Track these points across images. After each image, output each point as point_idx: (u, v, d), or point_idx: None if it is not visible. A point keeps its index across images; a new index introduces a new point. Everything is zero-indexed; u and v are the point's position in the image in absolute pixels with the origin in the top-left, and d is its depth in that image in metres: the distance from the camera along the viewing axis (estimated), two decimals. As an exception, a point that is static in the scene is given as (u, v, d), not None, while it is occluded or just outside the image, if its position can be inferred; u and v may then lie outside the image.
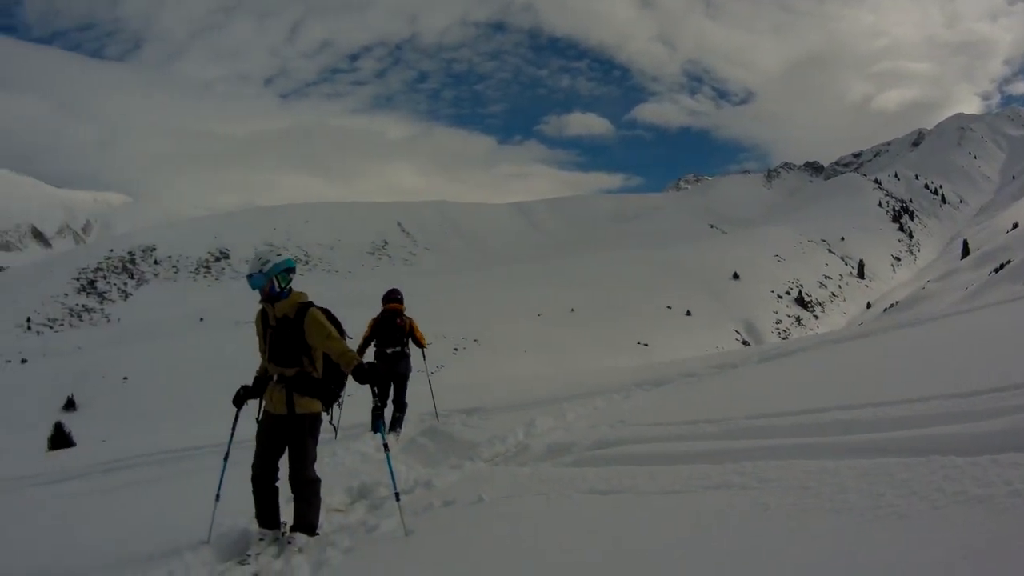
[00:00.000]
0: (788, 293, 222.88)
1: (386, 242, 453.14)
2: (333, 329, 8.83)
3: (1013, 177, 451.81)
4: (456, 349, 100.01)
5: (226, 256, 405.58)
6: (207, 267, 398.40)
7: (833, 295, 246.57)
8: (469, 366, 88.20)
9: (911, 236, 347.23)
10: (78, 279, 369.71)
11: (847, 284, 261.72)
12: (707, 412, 10.76)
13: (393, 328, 16.77)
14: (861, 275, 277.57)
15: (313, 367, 9.00)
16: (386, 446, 9.17)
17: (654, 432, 10.49)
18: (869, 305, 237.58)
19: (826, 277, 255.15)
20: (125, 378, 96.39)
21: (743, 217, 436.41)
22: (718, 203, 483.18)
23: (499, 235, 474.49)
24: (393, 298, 17.28)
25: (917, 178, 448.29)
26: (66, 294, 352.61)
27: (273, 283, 8.92)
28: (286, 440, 9.01)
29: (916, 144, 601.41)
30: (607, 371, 25.88)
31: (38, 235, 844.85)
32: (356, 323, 14.30)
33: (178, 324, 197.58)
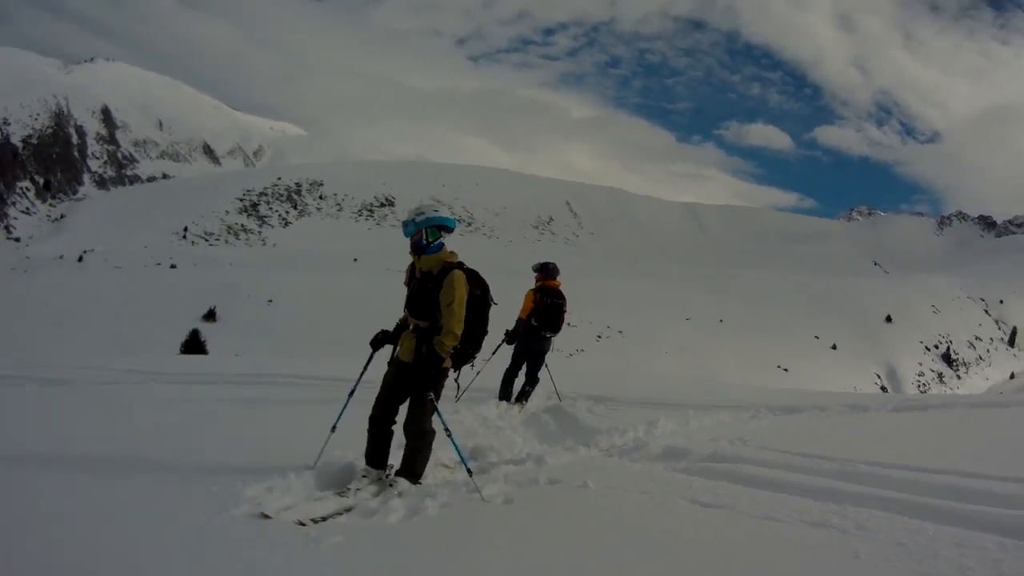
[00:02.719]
0: (936, 347, 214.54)
1: (552, 218, 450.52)
2: (459, 299, 8.95)
3: None
4: (600, 336, 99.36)
5: (391, 203, 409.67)
6: (370, 211, 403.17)
7: (980, 358, 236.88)
8: (609, 355, 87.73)
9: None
10: (242, 199, 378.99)
11: (996, 349, 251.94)
12: (827, 449, 10.75)
13: (559, 315, 16.77)
14: (1012, 343, 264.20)
15: None
16: (448, 430, 9.26)
17: (770, 457, 10.50)
18: (1013, 375, 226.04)
19: (976, 338, 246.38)
20: (270, 301, 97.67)
21: (908, 259, 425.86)
22: (886, 240, 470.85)
23: (665, 232, 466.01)
24: (555, 274, 17.11)
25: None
26: (227, 211, 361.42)
27: (422, 235, 9.20)
28: (409, 388, 9.25)
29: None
30: (741, 388, 25.76)
31: (208, 151, 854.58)
32: (507, 292, 14.49)
33: (332, 260, 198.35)
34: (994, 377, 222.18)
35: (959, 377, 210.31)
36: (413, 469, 9.26)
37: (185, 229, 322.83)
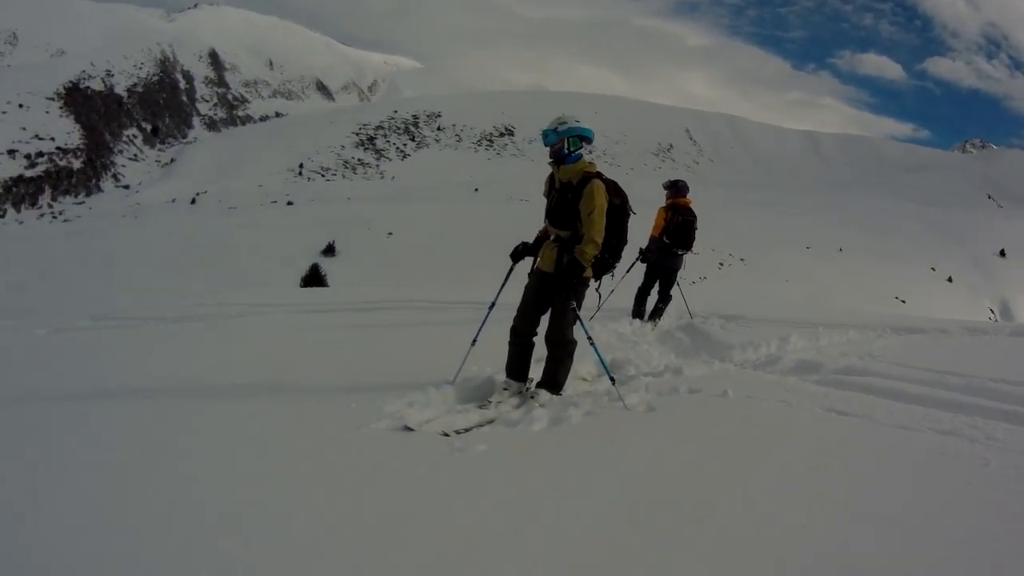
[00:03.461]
0: None
1: (672, 146, 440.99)
2: (599, 208, 8.82)
3: None
4: (722, 264, 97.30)
5: (510, 133, 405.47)
6: (490, 141, 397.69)
7: None
8: (731, 282, 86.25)
9: None
10: (358, 134, 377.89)
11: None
12: (953, 366, 10.74)
13: (690, 232, 16.92)
14: None
15: None
16: (590, 338, 9.29)
17: (899, 372, 10.48)
18: None
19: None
20: (390, 234, 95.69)
21: (1021, 194, 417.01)
22: (1000, 174, 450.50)
23: (784, 160, 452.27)
24: (685, 191, 17.32)
25: None
26: (343, 146, 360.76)
27: (563, 144, 9.08)
28: (550, 298, 9.28)
29: None
30: (864, 312, 25.67)
31: (322, 88, 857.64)
32: (632, 219, 14.67)
33: (452, 191, 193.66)
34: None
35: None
36: (555, 380, 9.27)
37: (300, 166, 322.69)
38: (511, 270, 9.98)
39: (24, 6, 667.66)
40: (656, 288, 17.34)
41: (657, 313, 16.94)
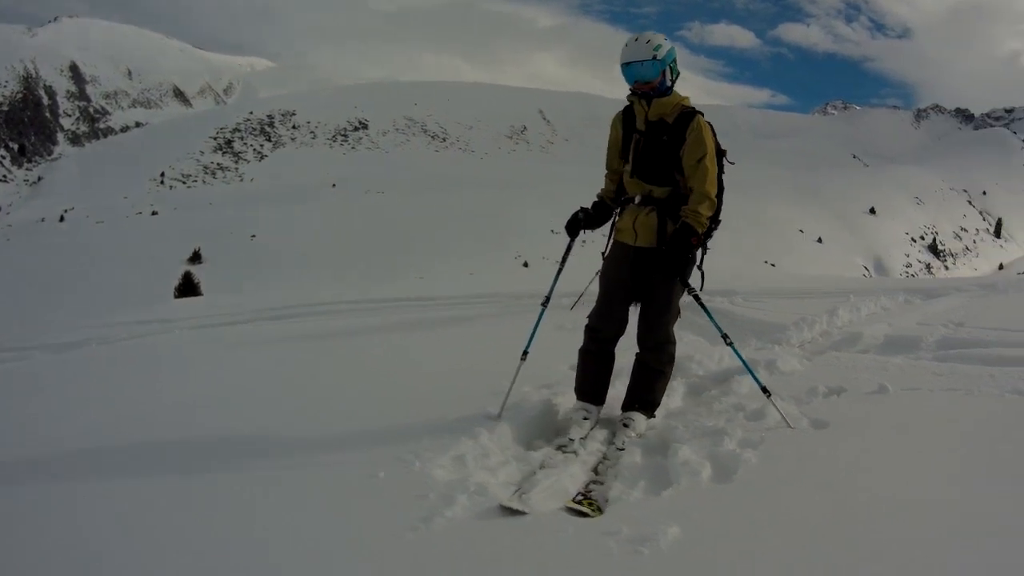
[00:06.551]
0: (922, 238, 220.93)
1: (525, 127, 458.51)
2: (711, 153, 6.42)
3: None
4: (583, 241, 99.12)
5: (364, 127, 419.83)
6: (344, 136, 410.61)
7: (967, 249, 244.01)
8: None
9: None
10: (215, 138, 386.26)
11: (982, 240, 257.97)
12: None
13: None
14: (998, 234, 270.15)
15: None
16: (725, 336, 6.81)
17: (1016, 338, 9.08)
18: (1001, 266, 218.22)
19: (962, 229, 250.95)
20: (253, 236, 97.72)
21: (886, 153, 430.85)
22: (863, 134, 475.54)
23: None
24: None
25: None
26: (202, 152, 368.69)
27: (666, 74, 6.52)
28: (645, 283, 6.72)
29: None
30: (845, 279, 24.52)
31: (179, 94, 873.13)
32: (496, 204, 12.54)
33: (311, 189, 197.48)
34: (982, 268, 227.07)
35: (947, 268, 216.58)
36: (651, 397, 6.73)
37: (162, 175, 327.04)
38: (569, 248, 7.37)
39: None
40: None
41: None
